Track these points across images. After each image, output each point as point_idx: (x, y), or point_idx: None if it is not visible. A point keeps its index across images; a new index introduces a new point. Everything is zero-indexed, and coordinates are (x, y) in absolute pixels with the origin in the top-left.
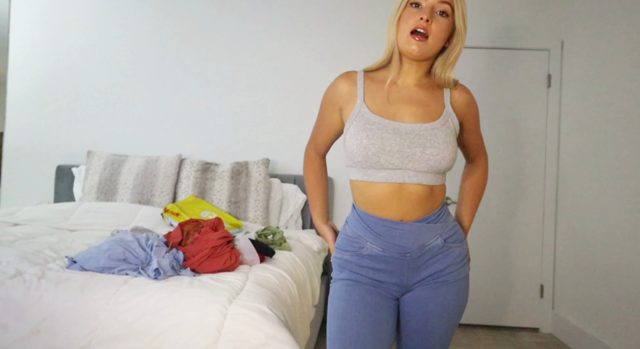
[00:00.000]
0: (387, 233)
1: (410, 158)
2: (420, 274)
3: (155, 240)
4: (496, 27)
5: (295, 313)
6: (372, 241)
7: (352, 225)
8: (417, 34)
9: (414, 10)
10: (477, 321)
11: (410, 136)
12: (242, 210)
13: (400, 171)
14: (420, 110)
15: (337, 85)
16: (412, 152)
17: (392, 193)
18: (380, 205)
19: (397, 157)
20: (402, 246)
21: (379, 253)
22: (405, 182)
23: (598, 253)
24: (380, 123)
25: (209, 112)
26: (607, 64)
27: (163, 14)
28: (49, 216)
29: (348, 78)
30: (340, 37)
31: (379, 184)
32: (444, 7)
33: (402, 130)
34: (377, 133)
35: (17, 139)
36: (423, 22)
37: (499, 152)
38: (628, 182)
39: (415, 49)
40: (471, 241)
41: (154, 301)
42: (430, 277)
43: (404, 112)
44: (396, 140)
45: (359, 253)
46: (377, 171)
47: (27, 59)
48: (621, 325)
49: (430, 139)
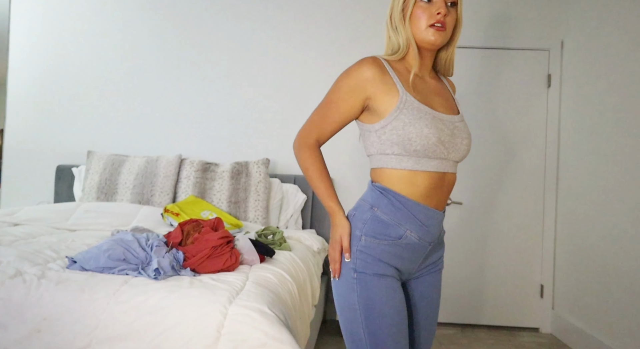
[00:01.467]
0: (427, 222)
1: (454, 148)
2: (426, 261)
3: (155, 240)
4: (496, 27)
5: (295, 313)
6: (413, 230)
7: (389, 211)
8: (434, 26)
9: (426, 5)
10: (477, 321)
11: (450, 126)
12: (242, 210)
13: (445, 161)
14: (445, 102)
15: (366, 70)
16: (455, 142)
17: (437, 182)
18: (428, 194)
19: (447, 146)
20: (433, 235)
21: (415, 241)
22: (447, 171)
23: (598, 253)
24: (430, 114)
25: (209, 112)
26: (607, 64)
27: (163, 14)
28: (49, 216)
29: (376, 65)
30: (340, 37)
31: (430, 173)
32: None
33: (445, 121)
34: (432, 122)
35: (17, 139)
36: (441, 17)
37: (499, 152)
38: (628, 182)
39: (438, 39)
40: (471, 241)
41: (154, 301)
42: (432, 265)
43: (437, 103)
44: (445, 131)
45: (397, 243)
46: (430, 160)
47: (27, 59)
48: (621, 325)
49: (463, 130)
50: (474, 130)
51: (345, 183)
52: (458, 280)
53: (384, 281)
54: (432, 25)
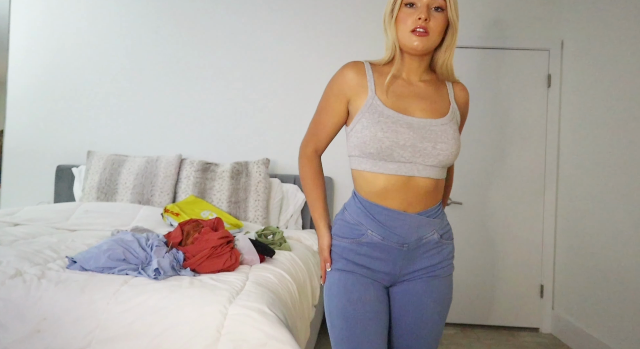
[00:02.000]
0: (389, 223)
1: (422, 152)
2: (414, 266)
3: (155, 240)
4: (496, 27)
5: (295, 313)
6: (373, 229)
7: (352, 212)
8: (416, 31)
9: (409, 11)
10: (477, 321)
11: (422, 131)
12: (242, 210)
13: (410, 164)
14: (429, 106)
15: (346, 75)
16: (424, 146)
17: (399, 185)
18: (385, 195)
19: (410, 150)
20: (401, 237)
21: (378, 241)
22: (414, 175)
23: (598, 253)
24: (394, 117)
25: (209, 112)
26: (607, 64)
27: (163, 14)
28: (49, 216)
29: (356, 69)
30: (340, 36)
31: (388, 175)
32: (439, 3)
33: (414, 125)
34: (391, 126)
35: (17, 139)
36: (422, 22)
37: (499, 152)
38: (628, 182)
39: (419, 44)
40: (471, 241)
41: (154, 301)
42: (423, 270)
43: (415, 107)
44: (409, 135)
45: (359, 241)
46: (387, 163)
47: (27, 59)
48: (621, 325)
49: (440, 134)
50: (474, 130)
51: (346, 183)
52: (458, 280)
53: (345, 275)
54: (414, 30)
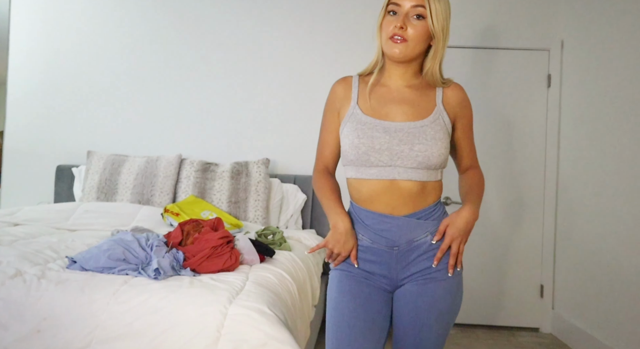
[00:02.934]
0: (375, 226)
1: (399, 155)
2: (410, 270)
3: (155, 240)
4: (496, 27)
5: (295, 313)
6: (364, 233)
7: (351, 217)
8: (393, 39)
9: (391, 18)
10: (477, 321)
11: (399, 134)
12: (242, 210)
13: (390, 168)
14: (411, 109)
15: (335, 90)
16: (401, 149)
17: (382, 189)
18: (371, 200)
19: (387, 154)
20: (389, 239)
21: (368, 244)
22: (395, 179)
23: (598, 253)
24: (371, 123)
25: (209, 112)
26: (607, 64)
27: (163, 14)
28: (49, 216)
29: (344, 82)
30: (340, 37)
31: (371, 181)
32: (419, 11)
33: (391, 129)
34: (367, 132)
35: (17, 139)
36: (397, 30)
37: (499, 152)
38: (628, 182)
39: (397, 51)
40: (471, 241)
41: (154, 301)
42: (419, 273)
43: (396, 112)
44: (385, 139)
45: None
46: (368, 168)
47: (27, 59)
48: (621, 325)
49: (418, 136)
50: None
51: None
52: None
53: (343, 273)
54: (392, 37)
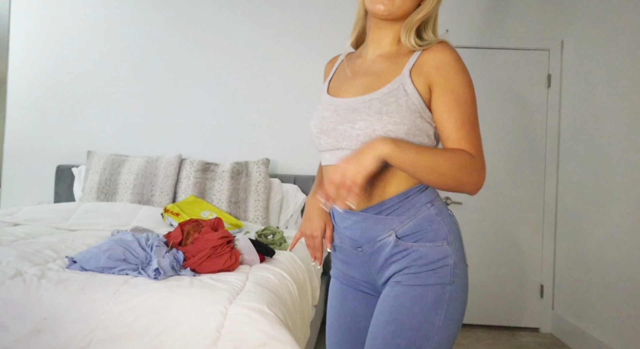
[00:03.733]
0: (339, 222)
1: (343, 135)
2: (385, 275)
3: (155, 240)
4: (496, 27)
5: (295, 313)
6: (335, 230)
7: None
8: None
9: None
10: (477, 321)
11: (345, 111)
12: (242, 210)
13: (339, 151)
14: (370, 81)
15: (324, 71)
16: (344, 128)
17: None
18: None
19: (332, 135)
20: (351, 238)
21: (338, 243)
22: None
23: (598, 253)
24: (327, 102)
25: (209, 112)
26: (607, 64)
27: (163, 15)
28: (49, 216)
29: (331, 63)
30: (340, 37)
31: (326, 167)
32: None
33: (340, 106)
34: (320, 113)
35: (17, 139)
36: None
37: (498, 152)
38: (628, 182)
39: (381, 8)
40: (471, 241)
41: (154, 301)
42: (391, 278)
43: (356, 87)
44: (332, 118)
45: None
46: (323, 153)
47: (27, 59)
48: (621, 325)
49: (361, 112)
50: None
51: None
52: None
53: (333, 281)
54: None
